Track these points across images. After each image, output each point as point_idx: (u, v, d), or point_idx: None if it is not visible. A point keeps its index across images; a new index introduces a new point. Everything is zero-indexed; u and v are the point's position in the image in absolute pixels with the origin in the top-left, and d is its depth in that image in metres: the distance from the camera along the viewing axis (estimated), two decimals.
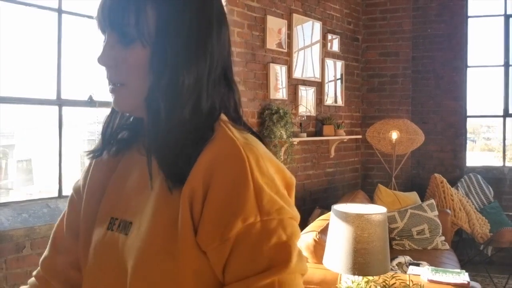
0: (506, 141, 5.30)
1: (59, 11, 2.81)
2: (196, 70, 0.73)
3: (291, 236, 0.70)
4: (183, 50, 0.73)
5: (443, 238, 3.95)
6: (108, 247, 0.78)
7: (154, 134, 0.73)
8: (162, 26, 0.72)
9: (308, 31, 4.42)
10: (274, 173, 0.72)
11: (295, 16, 4.23)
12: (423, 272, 2.62)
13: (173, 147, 0.71)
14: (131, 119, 0.86)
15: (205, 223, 0.68)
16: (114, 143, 0.85)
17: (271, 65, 3.95)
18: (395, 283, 2.23)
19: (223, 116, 0.77)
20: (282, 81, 4.09)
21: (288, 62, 4.17)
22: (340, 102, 4.87)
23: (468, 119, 5.35)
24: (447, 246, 3.93)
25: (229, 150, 0.70)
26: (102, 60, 0.74)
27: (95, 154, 0.86)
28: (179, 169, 0.70)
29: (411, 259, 3.13)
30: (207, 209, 0.68)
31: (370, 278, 2.16)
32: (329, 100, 4.71)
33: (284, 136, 3.73)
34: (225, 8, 3.82)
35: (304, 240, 2.62)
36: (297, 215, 0.73)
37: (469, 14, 5.26)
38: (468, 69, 5.26)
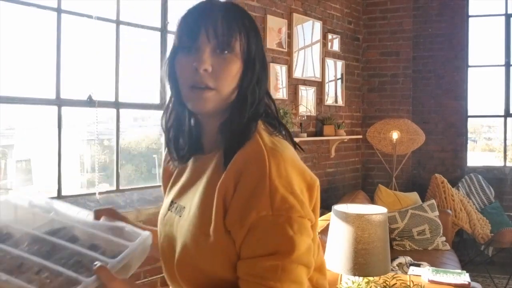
0: (507, 141, 5.29)
1: (59, 10, 2.80)
2: (264, 84, 0.97)
3: (297, 231, 0.85)
4: (260, 68, 0.95)
5: (443, 238, 3.94)
6: (167, 224, 1.01)
7: (229, 129, 0.92)
8: (254, 47, 0.94)
9: (308, 31, 4.41)
10: (295, 176, 0.88)
11: (295, 15, 4.22)
12: (424, 272, 2.61)
13: (237, 141, 0.90)
14: (190, 133, 1.02)
15: (231, 210, 0.87)
16: (180, 149, 1.02)
17: (271, 64, 3.95)
18: (395, 283, 2.22)
19: (260, 124, 0.95)
20: (282, 81, 4.08)
21: (288, 61, 4.16)
22: (340, 102, 4.86)
23: (469, 119, 5.34)
24: (448, 247, 3.92)
25: (255, 155, 0.87)
26: (202, 64, 0.89)
27: (169, 159, 1.05)
28: (229, 158, 0.89)
29: (411, 260, 3.12)
30: (234, 200, 0.86)
31: (371, 278, 2.15)
32: (329, 100, 4.70)
33: None
34: None
35: None
36: (308, 214, 0.88)
37: (470, 14, 5.25)
38: (469, 68, 5.25)
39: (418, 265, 2.94)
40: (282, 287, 0.84)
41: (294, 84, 4.24)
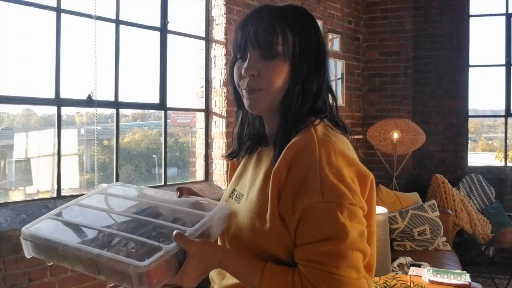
0: (508, 141, 5.28)
1: (58, 10, 2.79)
2: (318, 81, 1.02)
3: (348, 218, 0.89)
4: (311, 66, 1.01)
5: (444, 238, 3.93)
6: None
7: (282, 125, 1.00)
8: (299, 48, 0.99)
9: None
10: (345, 166, 0.93)
11: None
12: (424, 273, 2.61)
13: (288, 134, 0.97)
14: (255, 130, 1.13)
15: (284, 197, 0.93)
16: (243, 148, 1.14)
17: None
18: (396, 284, 2.22)
19: (316, 119, 1.00)
20: None
21: None
22: (340, 102, 4.85)
23: (469, 119, 5.32)
24: (449, 247, 3.91)
25: (306, 144, 0.93)
26: (249, 70, 0.99)
27: (231, 156, 1.15)
28: (280, 149, 0.96)
29: (412, 260, 3.11)
30: (286, 187, 0.92)
31: None
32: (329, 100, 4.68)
33: None
34: (224, 7, 3.80)
35: None
36: (359, 202, 0.92)
37: (470, 13, 5.24)
38: (469, 68, 5.23)
39: (419, 266, 2.93)
40: (339, 272, 0.87)
41: None
